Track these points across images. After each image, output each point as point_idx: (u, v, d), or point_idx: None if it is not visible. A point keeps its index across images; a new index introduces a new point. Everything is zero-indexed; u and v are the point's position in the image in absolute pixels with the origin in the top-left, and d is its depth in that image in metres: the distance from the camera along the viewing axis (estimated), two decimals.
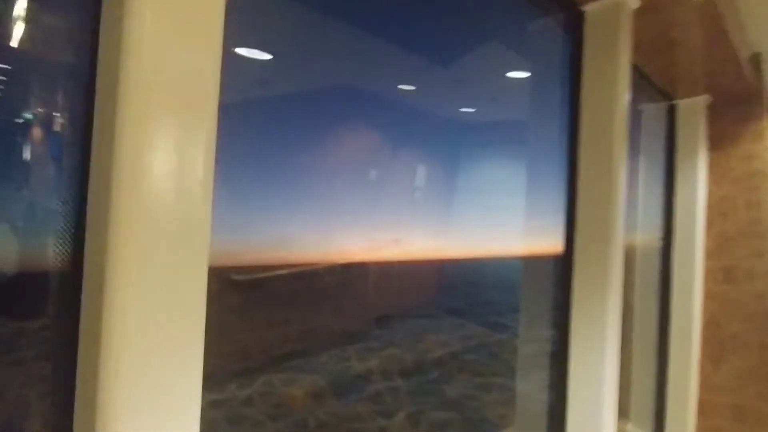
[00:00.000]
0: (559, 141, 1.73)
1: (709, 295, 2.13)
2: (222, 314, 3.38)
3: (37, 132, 0.81)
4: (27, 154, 0.86)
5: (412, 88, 3.87)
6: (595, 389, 1.42)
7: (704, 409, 2.11)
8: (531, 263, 1.71)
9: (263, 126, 3.58)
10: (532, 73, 2.53)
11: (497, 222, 4.79)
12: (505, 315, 4.52)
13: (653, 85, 2.16)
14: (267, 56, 2.75)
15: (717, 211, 2.15)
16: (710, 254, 2.15)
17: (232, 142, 3.73)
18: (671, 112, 2.26)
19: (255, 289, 3.50)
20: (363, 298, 4.33)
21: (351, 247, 4.05)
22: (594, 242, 1.44)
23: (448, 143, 5.13)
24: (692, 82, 2.14)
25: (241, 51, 2.63)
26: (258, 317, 3.52)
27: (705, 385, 2.11)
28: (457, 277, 5.34)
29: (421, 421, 3.02)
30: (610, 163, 1.45)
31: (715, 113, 2.21)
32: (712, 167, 2.20)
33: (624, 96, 1.48)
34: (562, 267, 1.52)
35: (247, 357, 3.41)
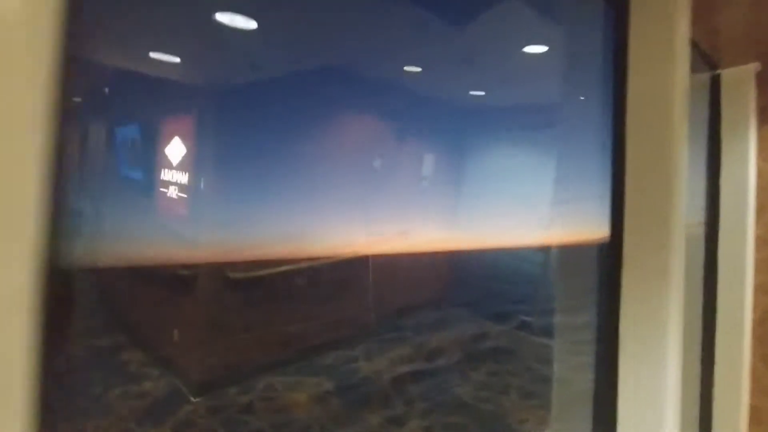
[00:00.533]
0: (597, 118, 1.50)
1: (761, 289, 1.89)
2: (216, 316, 3.17)
3: None
4: None
5: (417, 69, 3.63)
6: (654, 402, 1.19)
7: (757, 416, 1.88)
8: (567, 253, 1.47)
9: (256, 109, 3.34)
10: (560, 43, 2.28)
11: (515, 211, 4.53)
12: (529, 311, 4.29)
13: (696, 51, 1.91)
14: (252, 24, 2.48)
15: None
16: (762, 242, 1.91)
17: (220, 126, 3.50)
18: (715, 82, 2.02)
19: (253, 288, 3.29)
20: (370, 294, 4.11)
21: (353, 241, 3.83)
22: (648, 229, 1.21)
23: (459, 128, 4.88)
24: (740, 47, 1.89)
25: (222, 18, 2.37)
26: (257, 318, 3.31)
27: (758, 389, 1.88)
28: (473, 271, 5.10)
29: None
30: (668, 139, 1.21)
31: (765, 83, 1.96)
32: (763, 143, 1.95)
33: (684, 56, 1.24)
34: (607, 257, 1.28)
35: (245, 360, 3.21)
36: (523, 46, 2.86)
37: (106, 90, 3.20)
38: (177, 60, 3.03)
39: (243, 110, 3.30)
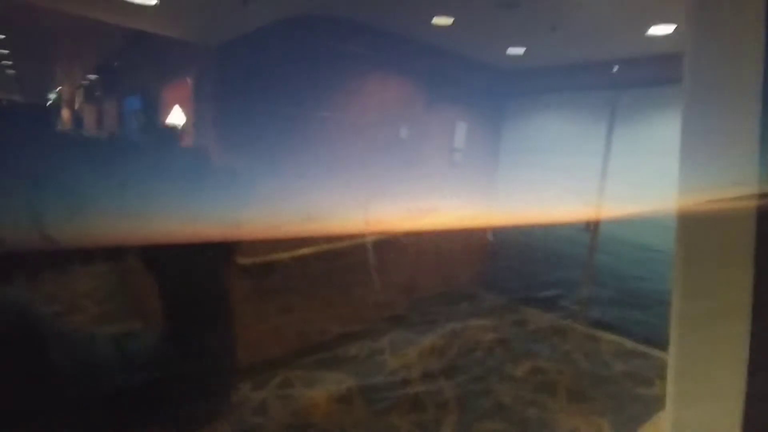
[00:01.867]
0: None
1: None
2: (228, 305, 2.84)
3: None
4: None
5: (449, 21, 3.14)
6: None
7: None
8: (695, 223, 1.00)
9: (266, 70, 2.93)
10: None
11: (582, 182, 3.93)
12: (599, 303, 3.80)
13: None
14: None
15: None
16: None
17: (228, 89, 3.13)
18: None
19: (267, 274, 2.93)
20: (395, 277, 3.72)
21: (376, 218, 3.41)
22: None
23: (495, 92, 4.36)
24: None
25: None
26: (270, 306, 2.96)
27: None
28: (521, 252, 4.59)
29: None
30: None
31: None
32: None
33: None
34: None
35: (257, 352, 2.88)
36: None
37: None
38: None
39: (250, 69, 2.90)
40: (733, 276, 0.86)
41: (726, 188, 0.82)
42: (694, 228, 0.88)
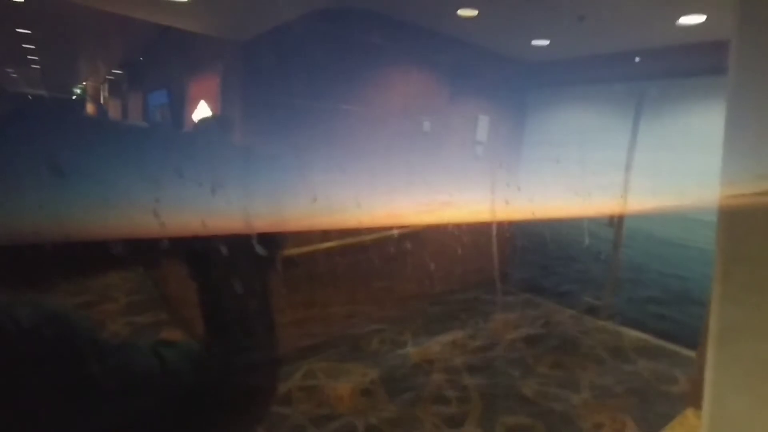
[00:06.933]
0: None
1: None
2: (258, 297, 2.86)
3: None
4: None
5: (474, 13, 3.09)
6: None
7: None
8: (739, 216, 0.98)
9: (290, 64, 2.93)
10: None
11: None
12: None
13: None
14: None
15: None
16: None
17: (252, 83, 3.14)
18: None
19: (289, 268, 2.96)
20: (413, 270, 3.71)
21: (390, 211, 3.39)
22: None
23: (519, 84, 4.29)
24: None
25: None
26: (292, 299, 2.99)
27: None
28: (542, 245, 4.54)
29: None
30: None
31: None
32: None
33: None
34: None
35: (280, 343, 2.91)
36: None
37: None
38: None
39: (268, 58, 2.90)
40: None
41: None
42: (737, 222, 0.86)
